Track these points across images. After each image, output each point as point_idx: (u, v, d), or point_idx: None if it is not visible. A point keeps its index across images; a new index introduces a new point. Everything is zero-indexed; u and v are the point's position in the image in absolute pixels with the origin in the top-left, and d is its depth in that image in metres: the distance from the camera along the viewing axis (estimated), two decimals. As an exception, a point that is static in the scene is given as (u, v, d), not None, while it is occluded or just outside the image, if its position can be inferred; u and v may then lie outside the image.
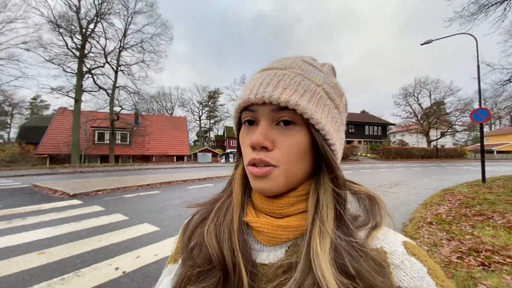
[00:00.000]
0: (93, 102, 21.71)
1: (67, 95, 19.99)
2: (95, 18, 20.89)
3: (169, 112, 53.74)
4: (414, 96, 39.28)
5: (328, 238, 0.34)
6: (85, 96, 21.38)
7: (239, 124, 0.44)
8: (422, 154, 32.07)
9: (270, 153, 0.37)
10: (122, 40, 21.58)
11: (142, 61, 21.66)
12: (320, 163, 0.40)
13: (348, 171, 14.80)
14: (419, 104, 39.27)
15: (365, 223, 0.39)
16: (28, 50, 19.56)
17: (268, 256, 0.39)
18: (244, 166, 0.41)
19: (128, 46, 21.73)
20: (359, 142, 38.00)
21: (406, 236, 2.72)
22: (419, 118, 39.12)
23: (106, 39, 21.25)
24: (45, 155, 23.43)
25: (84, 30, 20.67)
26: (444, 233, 3.77)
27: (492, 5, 8.31)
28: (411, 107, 39.81)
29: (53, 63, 20.18)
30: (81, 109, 20.89)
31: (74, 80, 20.61)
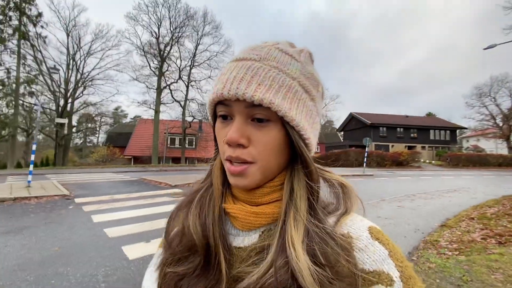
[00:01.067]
0: (167, 112, 25.53)
1: (150, 108, 24.11)
2: (170, 41, 24.78)
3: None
4: (490, 96, 34.84)
5: (302, 224, 0.36)
6: (162, 107, 25.35)
7: (214, 116, 0.44)
8: (499, 162, 28.30)
9: (246, 150, 0.38)
10: (192, 59, 25.06)
11: (209, 77, 24.84)
12: (294, 155, 0.41)
13: (406, 177, 14.72)
14: (497, 105, 34.67)
15: (335, 209, 0.41)
16: (121, 71, 24.37)
17: (243, 240, 0.42)
18: (222, 159, 0.42)
19: (197, 64, 25.15)
20: (423, 147, 35.25)
21: (445, 226, 3.82)
22: (496, 120, 34.54)
23: (181, 60, 25.02)
24: (130, 157, 28.50)
25: (162, 52, 24.71)
26: (481, 225, 4.48)
27: None
28: (486, 108, 35.40)
29: (139, 81, 24.69)
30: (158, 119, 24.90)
31: (154, 95, 24.77)
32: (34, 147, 7.40)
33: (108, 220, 4.78)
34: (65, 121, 13.64)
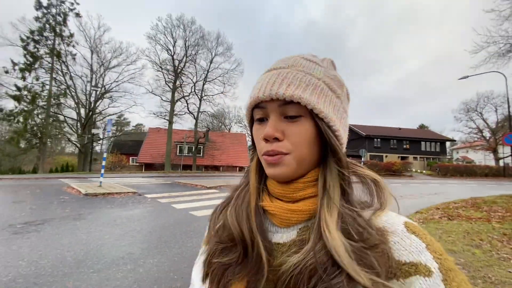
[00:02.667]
0: (178, 122, 27.77)
1: (165, 119, 26.20)
2: (184, 59, 27.13)
3: (227, 128, 60.43)
4: (477, 111, 37.73)
5: (335, 210, 0.39)
6: (174, 118, 27.43)
7: (251, 121, 0.50)
8: (486, 172, 30.73)
9: (281, 143, 0.43)
10: (205, 75, 27.42)
11: (221, 93, 27.20)
12: (326, 151, 0.44)
13: (397, 185, 16.86)
14: (484, 120, 37.52)
15: (370, 205, 0.43)
16: (140, 86, 26.53)
17: (282, 236, 0.45)
18: (259, 157, 0.47)
19: (209, 80, 27.53)
20: (415, 158, 37.77)
21: (418, 212, 6.17)
22: (483, 134, 37.33)
23: (197, 76, 27.43)
24: (141, 164, 30.39)
25: (176, 68, 27.00)
26: (442, 212, 6.62)
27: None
28: (474, 122, 38.25)
29: (154, 94, 26.83)
30: (167, 128, 26.97)
31: (168, 107, 26.91)
32: (105, 155, 9.43)
33: (186, 207, 6.81)
34: (100, 131, 15.59)
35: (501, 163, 35.52)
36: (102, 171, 9.65)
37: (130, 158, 35.87)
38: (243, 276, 0.42)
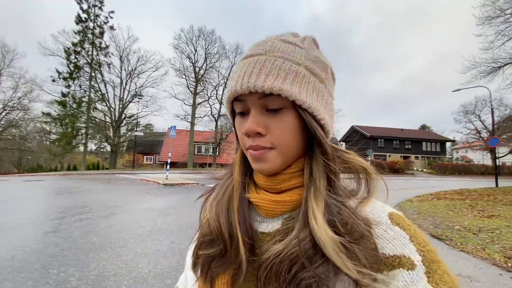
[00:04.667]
0: (199, 124, 30.41)
1: (187, 121, 28.78)
2: (204, 66, 29.65)
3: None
4: (475, 113, 40.01)
5: (321, 200, 0.39)
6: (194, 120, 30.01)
7: (233, 114, 0.47)
8: (482, 171, 33.11)
9: (264, 138, 0.40)
10: (224, 81, 29.96)
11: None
12: (312, 140, 0.43)
13: (400, 181, 19.27)
14: (482, 121, 39.82)
15: (356, 193, 0.42)
16: (164, 91, 29.04)
17: (268, 226, 0.45)
18: (244, 151, 0.45)
19: (228, 85, 30.16)
20: (416, 157, 40.11)
21: (417, 196, 8.88)
22: (481, 135, 39.65)
23: (218, 80, 30.01)
24: (162, 162, 33.04)
25: (197, 74, 29.51)
26: (434, 196, 9.09)
27: (497, 70, 12.87)
28: (472, 124, 40.53)
29: (177, 98, 29.37)
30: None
31: (189, 110, 29.47)
32: (170, 154, 11.92)
33: (246, 193, 9.25)
34: (142, 134, 18.09)
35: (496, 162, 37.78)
36: (168, 167, 12.16)
37: (145, 157, 38.47)
38: (226, 269, 0.43)
